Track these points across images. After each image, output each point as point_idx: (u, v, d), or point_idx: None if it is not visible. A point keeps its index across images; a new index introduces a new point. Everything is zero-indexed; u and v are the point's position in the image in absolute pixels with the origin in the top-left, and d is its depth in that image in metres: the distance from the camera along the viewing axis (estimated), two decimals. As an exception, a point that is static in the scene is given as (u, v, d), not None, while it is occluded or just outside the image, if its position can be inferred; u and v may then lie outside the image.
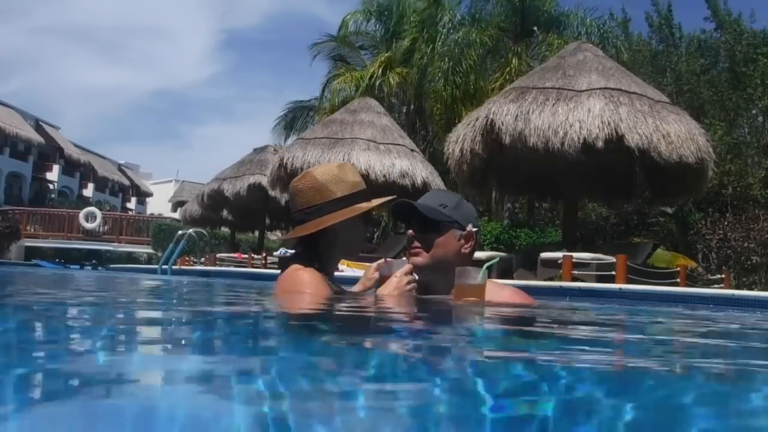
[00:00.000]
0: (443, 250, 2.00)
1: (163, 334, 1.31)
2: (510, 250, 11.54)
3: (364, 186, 2.08)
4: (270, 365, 0.94)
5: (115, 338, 1.17)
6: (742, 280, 11.29)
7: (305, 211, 2.00)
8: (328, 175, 2.01)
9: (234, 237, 21.49)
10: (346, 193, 2.00)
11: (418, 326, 1.64)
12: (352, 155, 12.33)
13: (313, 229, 1.96)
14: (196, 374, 0.85)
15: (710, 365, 1.15)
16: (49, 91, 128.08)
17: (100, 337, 1.17)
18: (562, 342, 1.40)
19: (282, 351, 1.11)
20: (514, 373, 0.94)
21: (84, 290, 3.17)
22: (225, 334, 1.35)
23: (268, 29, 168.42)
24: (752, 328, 2.41)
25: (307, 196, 2.00)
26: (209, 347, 1.13)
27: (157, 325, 1.50)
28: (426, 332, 1.47)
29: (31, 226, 28.65)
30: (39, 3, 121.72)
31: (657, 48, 18.40)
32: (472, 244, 2.08)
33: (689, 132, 9.14)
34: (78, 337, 1.19)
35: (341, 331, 1.41)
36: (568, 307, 3.23)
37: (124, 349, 1.07)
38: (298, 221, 2.04)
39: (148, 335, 1.30)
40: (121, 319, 1.59)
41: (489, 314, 1.90)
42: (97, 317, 1.62)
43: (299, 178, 2.06)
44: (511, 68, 16.04)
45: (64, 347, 1.06)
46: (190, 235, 15.62)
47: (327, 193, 1.98)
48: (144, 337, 1.24)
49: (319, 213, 1.97)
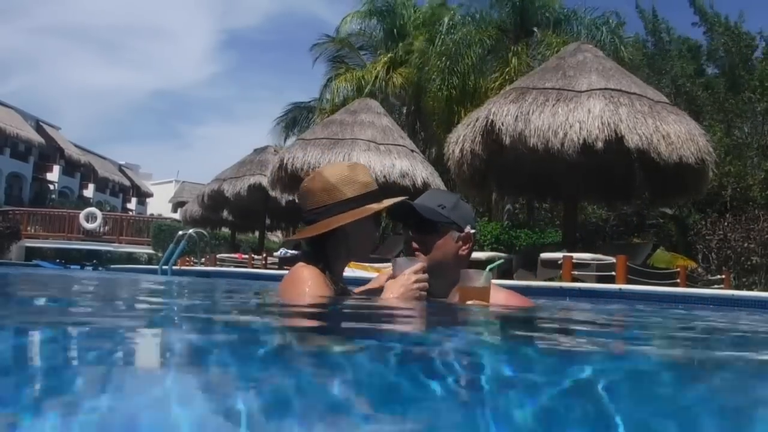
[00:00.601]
0: (441, 252, 1.97)
1: (143, 335, 1.30)
2: (510, 250, 11.53)
3: (375, 187, 2.04)
4: (227, 360, 0.94)
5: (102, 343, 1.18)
6: (742, 281, 11.29)
7: (315, 211, 1.98)
8: (338, 176, 1.98)
9: (234, 237, 21.50)
10: (357, 194, 1.96)
11: (402, 329, 1.56)
12: (353, 156, 12.34)
13: (323, 230, 1.93)
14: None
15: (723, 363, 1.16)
16: (49, 91, 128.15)
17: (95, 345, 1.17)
18: (565, 343, 1.40)
19: (242, 347, 1.09)
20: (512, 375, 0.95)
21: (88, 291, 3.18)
22: (200, 329, 1.36)
23: (268, 29, 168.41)
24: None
25: (317, 196, 1.98)
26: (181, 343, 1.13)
27: (141, 324, 1.50)
28: (403, 336, 1.39)
29: (31, 227, 28.65)
30: (39, 3, 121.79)
31: (652, 50, 18.43)
32: (470, 246, 2.05)
33: (689, 133, 9.14)
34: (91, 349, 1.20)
35: (317, 331, 1.38)
36: (565, 308, 3.24)
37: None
38: (307, 221, 2.02)
39: (136, 336, 1.31)
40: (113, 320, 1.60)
41: (482, 318, 1.84)
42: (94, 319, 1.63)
43: (310, 179, 2.04)
44: (510, 68, 16.04)
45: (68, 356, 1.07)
46: (191, 236, 15.63)
47: (337, 194, 1.95)
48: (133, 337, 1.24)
49: (328, 213, 1.95)
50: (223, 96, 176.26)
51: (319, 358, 1.00)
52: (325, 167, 2.06)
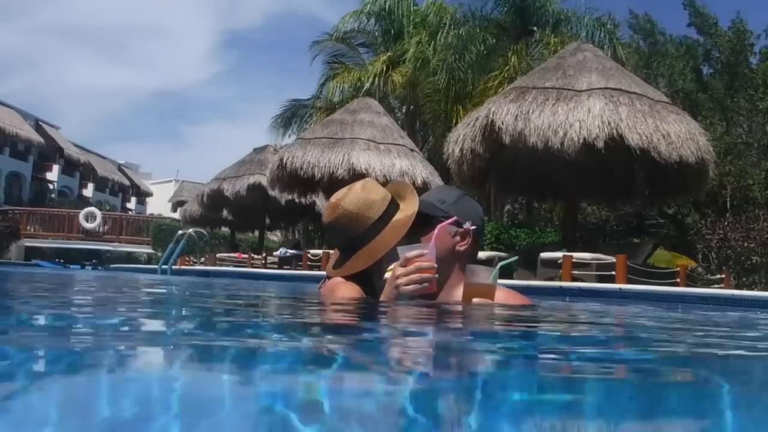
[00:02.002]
0: (435, 246, 1.89)
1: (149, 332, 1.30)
2: (510, 250, 11.52)
3: (390, 196, 2.04)
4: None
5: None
6: (742, 280, 11.29)
7: (349, 244, 2.00)
8: (357, 204, 1.97)
9: (234, 237, 21.51)
10: (381, 212, 1.97)
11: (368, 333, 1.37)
12: (352, 155, 12.35)
13: (371, 261, 1.94)
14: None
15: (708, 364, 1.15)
16: (49, 91, 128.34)
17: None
18: (562, 341, 1.39)
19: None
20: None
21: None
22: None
23: (269, 29, 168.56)
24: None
25: (346, 230, 1.97)
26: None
27: (148, 322, 1.49)
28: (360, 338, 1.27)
29: (31, 226, 28.66)
30: (39, 3, 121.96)
31: (649, 50, 18.42)
32: (470, 242, 1.97)
33: (689, 132, 9.13)
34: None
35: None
36: (565, 308, 3.22)
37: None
38: (346, 248, 2.02)
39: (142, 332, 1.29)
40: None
41: (470, 317, 1.76)
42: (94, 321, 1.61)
43: (329, 214, 2.00)
44: (509, 67, 16.02)
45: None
46: (190, 235, 15.64)
47: (364, 221, 1.95)
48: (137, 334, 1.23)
49: (363, 242, 1.95)
50: (223, 96, 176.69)
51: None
52: (339, 199, 2.01)
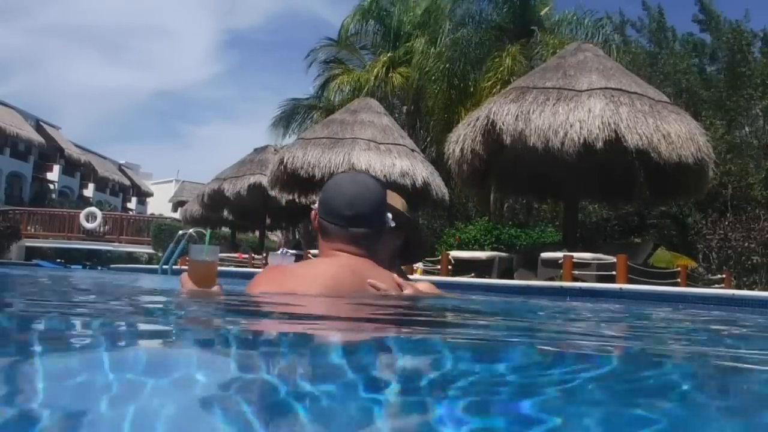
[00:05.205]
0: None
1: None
2: (510, 250, 11.52)
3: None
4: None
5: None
6: (743, 280, 11.28)
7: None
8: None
9: (234, 237, 21.51)
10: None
11: None
12: (353, 155, 12.34)
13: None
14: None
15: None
16: (49, 91, 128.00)
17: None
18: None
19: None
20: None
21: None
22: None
23: (270, 29, 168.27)
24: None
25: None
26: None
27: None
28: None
29: (31, 226, 28.65)
30: (39, 3, 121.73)
31: (653, 50, 18.37)
32: (315, 222, 1.91)
33: (690, 132, 9.13)
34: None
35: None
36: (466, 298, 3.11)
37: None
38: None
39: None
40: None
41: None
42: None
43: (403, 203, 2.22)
44: (504, 68, 15.96)
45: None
46: (191, 235, 15.63)
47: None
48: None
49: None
50: (224, 96, 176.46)
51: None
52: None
